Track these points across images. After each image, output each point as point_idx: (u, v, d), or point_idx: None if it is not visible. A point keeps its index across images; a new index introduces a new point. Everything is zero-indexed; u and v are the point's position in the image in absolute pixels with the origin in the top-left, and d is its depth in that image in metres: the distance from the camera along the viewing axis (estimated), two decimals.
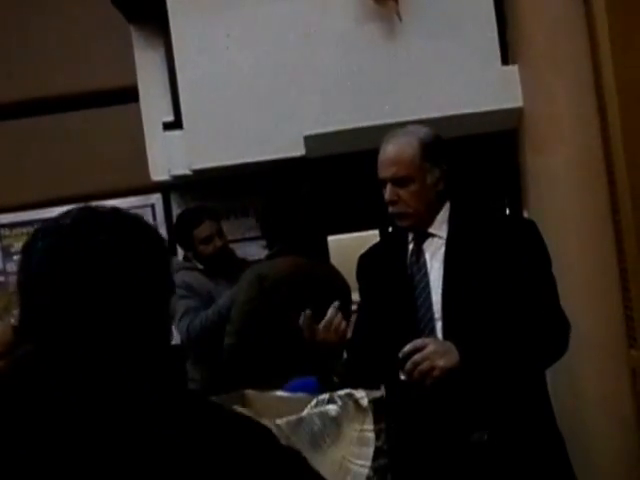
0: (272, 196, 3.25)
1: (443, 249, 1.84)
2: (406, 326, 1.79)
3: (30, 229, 3.82)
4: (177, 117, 3.45)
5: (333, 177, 3.72)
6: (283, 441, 1.15)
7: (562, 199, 3.17)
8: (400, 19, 3.40)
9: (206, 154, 3.36)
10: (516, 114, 3.43)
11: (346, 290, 3.02)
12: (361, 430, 1.29)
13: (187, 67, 3.39)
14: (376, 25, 3.42)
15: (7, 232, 3.89)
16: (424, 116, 3.36)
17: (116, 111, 3.83)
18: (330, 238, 3.85)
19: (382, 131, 3.34)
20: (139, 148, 3.53)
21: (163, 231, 3.85)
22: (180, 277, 3.21)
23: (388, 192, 1.86)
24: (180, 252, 3.49)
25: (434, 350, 1.59)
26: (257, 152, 3.36)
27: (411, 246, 1.92)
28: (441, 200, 1.90)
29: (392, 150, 1.89)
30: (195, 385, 3.08)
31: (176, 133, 3.44)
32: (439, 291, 1.79)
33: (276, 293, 2.85)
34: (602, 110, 3.04)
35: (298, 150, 3.36)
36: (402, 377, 1.67)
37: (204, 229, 3.18)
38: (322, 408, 1.28)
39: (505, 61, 3.50)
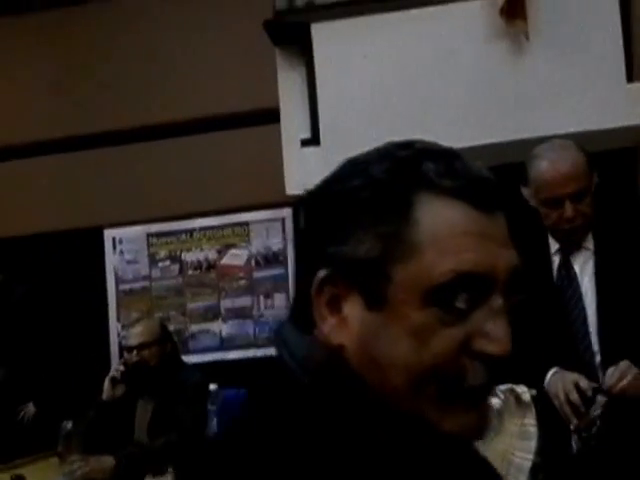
0: None
1: (592, 261, 1.82)
2: (560, 340, 1.79)
3: (173, 239, 4.17)
4: (314, 134, 3.67)
5: None
6: None
7: None
8: (527, 38, 3.50)
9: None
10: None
11: None
12: (522, 424, 1.42)
13: (327, 86, 3.63)
14: (505, 44, 3.55)
15: (154, 240, 4.20)
16: (550, 133, 3.45)
17: (258, 131, 4.07)
18: None
19: (510, 148, 3.49)
20: (276, 165, 3.75)
21: (291, 244, 4.06)
22: None
23: (570, 209, 1.80)
24: None
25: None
26: None
27: (557, 259, 1.88)
28: None
29: (567, 165, 1.85)
30: None
31: (312, 149, 3.65)
32: (593, 305, 1.76)
33: None
34: None
35: None
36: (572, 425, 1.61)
37: None
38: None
39: (630, 79, 3.54)
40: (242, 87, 4.04)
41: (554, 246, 1.91)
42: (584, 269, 1.84)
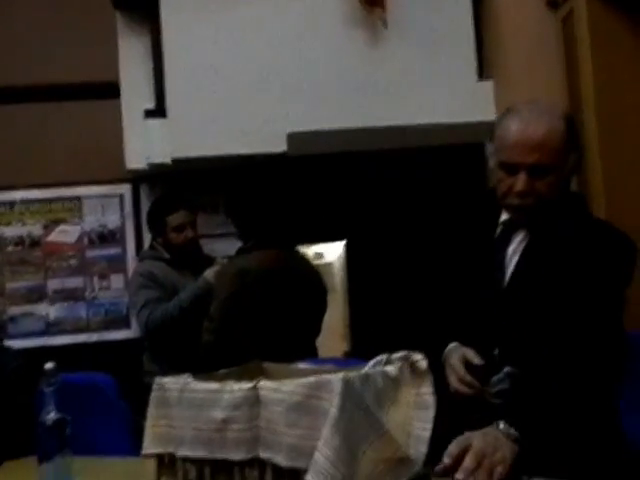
0: (249, 189, 3.24)
1: (523, 246, 1.65)
2: (472, 316, 1.65)
3: None
4: (159, 106, 3.42)
5: (312, 177, 3.75)
6: (353, 395, 1.16)
7: None
8: (385, 26, 3.49)
9: (188, 144, 3.35)
10: (488, 127, 3.56)
11: (324, 286, 3.03)
12: (417, 394, 1.30)
13: (175, 57, 3.40)
14: (363, 30, 3.53)
15: None
16: (402, 123, 3.47)
17: (96, 101, 3.78)
18: None
19: (365, 134, 3.46)
20: (116, 138, 3.50)
21: (130, 222, 3.82)
22: (144, 266, 3.18)
23: (522, 183, 1.55)
24: (146, 242, 3.50)
25: (482, 447, 1.29)
26: (239, 145, 3.37)
27: (499, 231, 1.70)
28: None
29: (536, 131, 1.55)
30: (149, 378, 3.01)
31: (157, 122, 3.40)
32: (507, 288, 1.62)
33: (259, 288, 2.82)
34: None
35: (280, 147, 3.38)
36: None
37: (178, 217, 3.16)
38: (382, 368, 1.29)
39: (481, 76, 3.63)
40: (77, 55, 3.73)
41: (503, 216, 1.71)
42: (516, 252, 1.66)
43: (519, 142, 1.55)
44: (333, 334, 4.13)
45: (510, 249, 1.67)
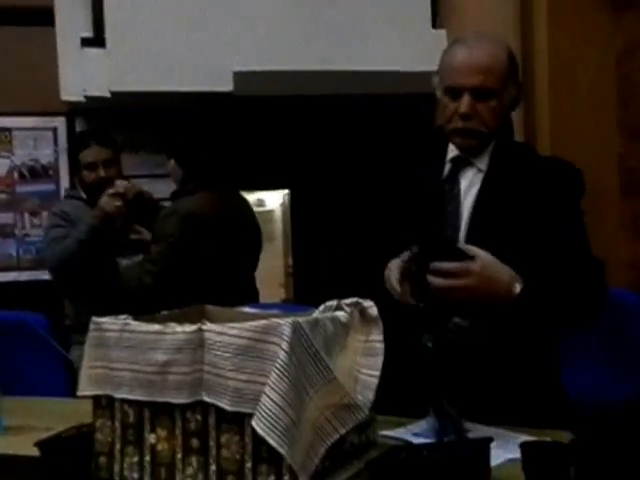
0: (193, 129, 3.12)
1: (479, 184, 1.66)
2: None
3: None
4: (98, 34, 3.24)
5: (258, 120, 3.66)
6: (302, 340, 1.13)
7: None
8: None
9: (128, 77, 3.20)
10: None
11: (259, 226, 3.00)
12: (367, 341, 1.28)
13: None
14: None
15: None
16: (356, 68, 3.39)
17: (28, 28, 3.57)
18: None
19: (316, 78, 3.37)
20: (50, 68, 3.29)
21: (64, 158, 3.65)
22: (61, 205, 3.02)
23: (465, 104, 1.59)
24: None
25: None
26: (182, 81, 3.24)
27: (447, 171, 1.71)
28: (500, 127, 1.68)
29: (481, 55, 1.61)
30: (69, 321, 2.92)
31: (95, 51, 3.23)
32: (465, 230, 1.62)
33: (204, 232, 2.76)
34: (529, 83, 3.16)
35: (226, 86, 3.26)
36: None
37: (89, 154, 2.90)
38: (332, 314, 1.26)
39: (434, 25, 3.57)
40: None
41: (451, 153, 1.73)
42: (470, 189, 1.68)
43: (463, 65, 1.61)
44: (272, 283, 4.10)
45: (462, 185, 1.68)
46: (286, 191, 4.23)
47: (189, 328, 1.19)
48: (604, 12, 3.22)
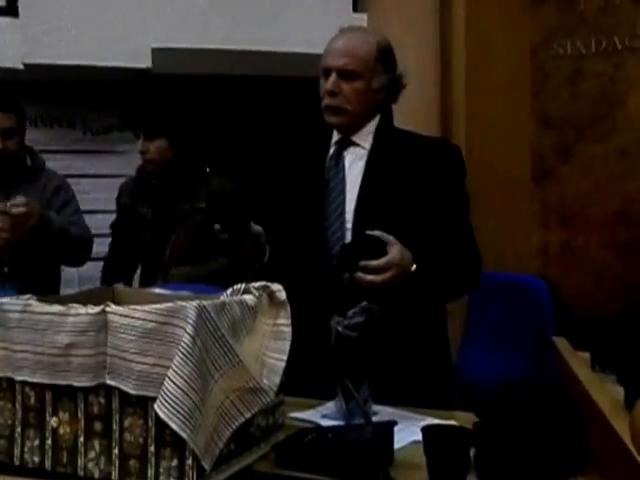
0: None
1: (364, 160, 1.78)
2: (315, 230, 1.75)
3: None
4: (10, 3, 3.12)
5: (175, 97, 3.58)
6: (208, 323, 1.12)
7: None
8: None
9: (43, 49, 3.09)
10: None
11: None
12: (274, 324, 1.28)
13: None
14: None
15: None
16: (276, 49, 3.37)
17: None
18: None
19: (235, 57, 3.32)
20: None
21: None
22: None
23: (331, 82, 1.73)
24: None
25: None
26: (100, 56, 3.14)
27: (331, 150, 1.84)
28: (375, 110, 1.81)
29: (348, 41, 1.78)
30: None
31: (8, 20, 3.10)
32: (354, 199, 1.74)
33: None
34: (446, 67, 3.21)
35: (144, 62, 3.19)
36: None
37: None
38: (240, 297, 1.26)
39: (355, 9, 3.59)
40: None
41: (335, 137, 1.85)
42: (354, 165, 1.79)
43: (333, 49, 1.78)
44: None
45: (347, 160, 1.81)
46: None
47: (92, 310, 1.16)
48: (521, 3, 3.30)
